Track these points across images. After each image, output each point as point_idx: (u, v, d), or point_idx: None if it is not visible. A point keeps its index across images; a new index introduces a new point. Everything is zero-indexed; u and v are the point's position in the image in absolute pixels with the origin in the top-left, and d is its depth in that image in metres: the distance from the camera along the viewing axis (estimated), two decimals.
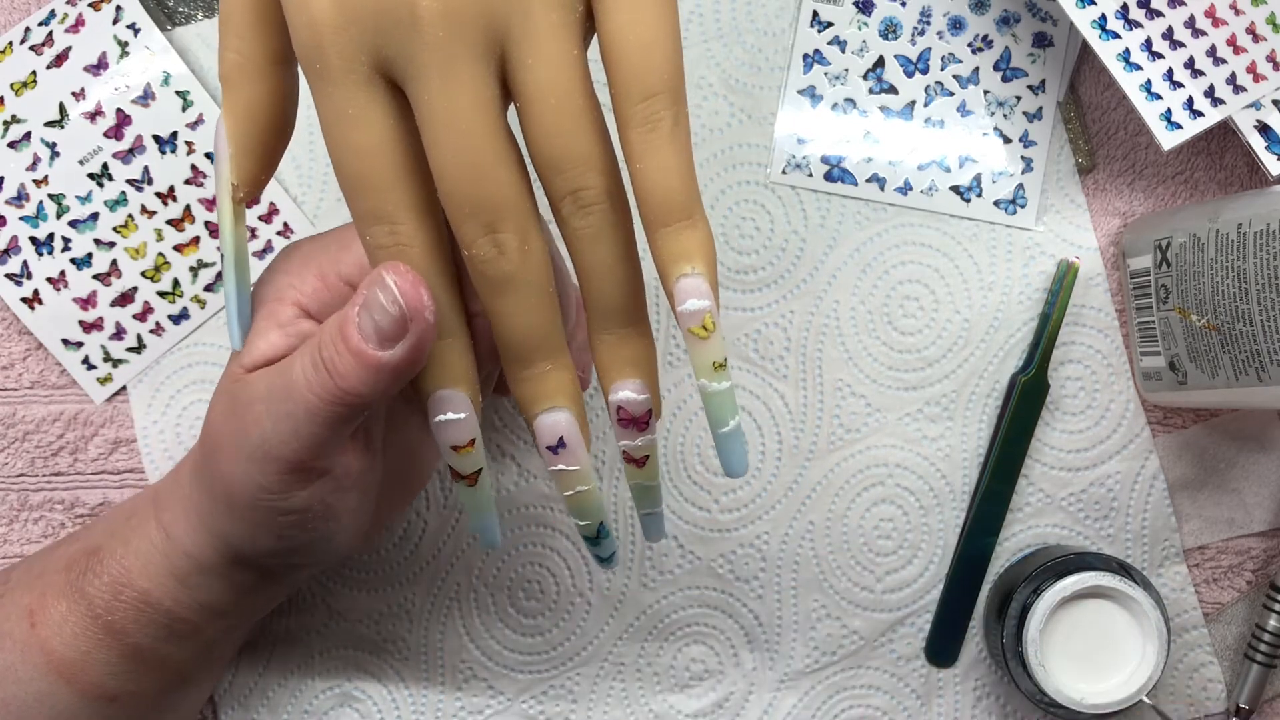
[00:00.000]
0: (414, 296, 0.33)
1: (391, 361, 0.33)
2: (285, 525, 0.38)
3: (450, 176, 0.31)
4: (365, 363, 0.33)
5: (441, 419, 0.34)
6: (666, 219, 0.31)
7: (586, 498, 0.35)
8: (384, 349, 0.33)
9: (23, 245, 0.49)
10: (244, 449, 0.36)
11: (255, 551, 0.39)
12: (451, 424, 0.34)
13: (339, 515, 0.39)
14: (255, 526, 0.38)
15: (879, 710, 0.51)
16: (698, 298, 0.32)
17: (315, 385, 0.34)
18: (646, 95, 0.31)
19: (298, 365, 0.35)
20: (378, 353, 0.33)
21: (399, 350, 0.33)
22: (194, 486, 0.40)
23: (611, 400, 0.34)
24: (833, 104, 0.51)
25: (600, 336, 0.34)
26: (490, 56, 0.31)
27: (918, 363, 0.51)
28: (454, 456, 0.35)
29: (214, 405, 0.38)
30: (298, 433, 0.35)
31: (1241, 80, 0.47)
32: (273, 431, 0.35)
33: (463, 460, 0.35)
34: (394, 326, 0.33)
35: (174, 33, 0.50)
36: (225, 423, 0.37)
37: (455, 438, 0.35)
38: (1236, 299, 0.42)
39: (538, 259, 0.33)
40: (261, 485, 0.37)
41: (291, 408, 0.35)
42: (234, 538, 0.39)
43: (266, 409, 0.36)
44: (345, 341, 0.33)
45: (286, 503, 0.37)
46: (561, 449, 0.34)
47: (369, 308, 0.33)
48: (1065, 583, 0.45)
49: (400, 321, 0.33)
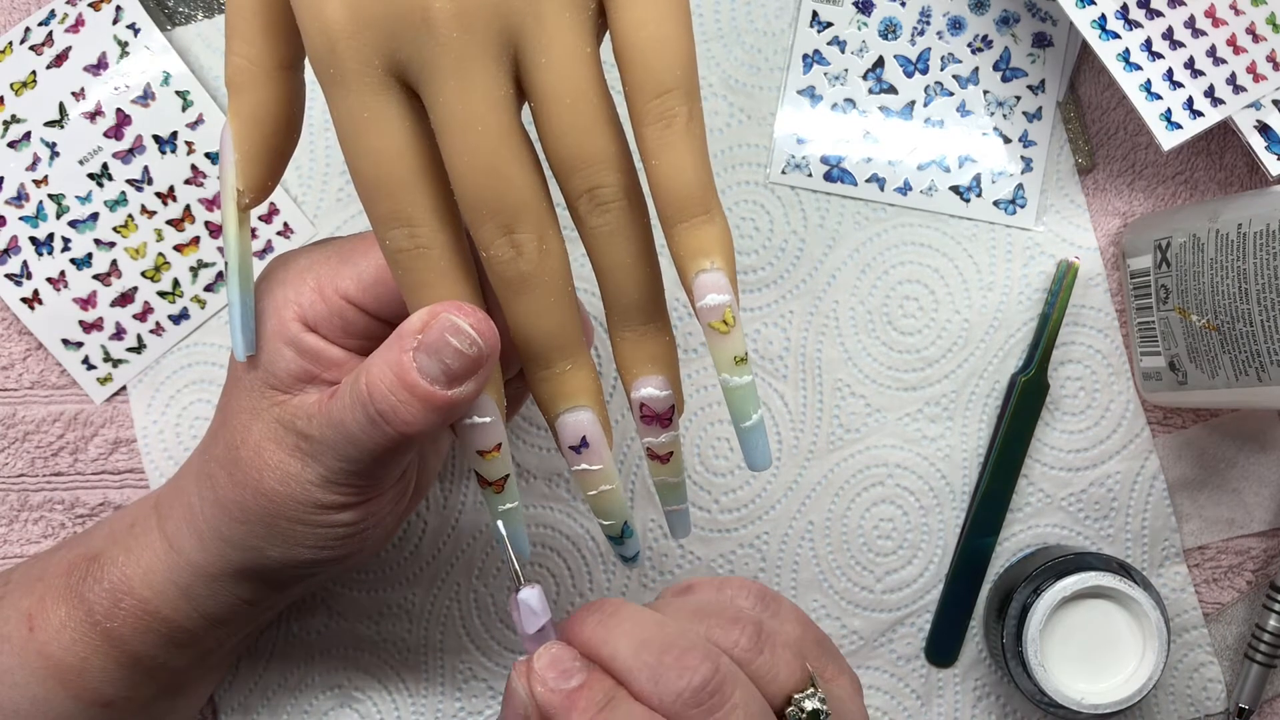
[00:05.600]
0: (490, 333, 0.33)
1: (461, 396, 0.33)
2: (333, 537, 0.38)
3: (466, 178, 0.31)
4: (433, 405, 0.33)
5: (468, 423, 0.34)
6: (683, 214, 0.31)
7: (610, 497, 0.35)
8: (452, 388, 0.33)
9: (23, 245, 0.49)
10: (306, 476, 0.37)
11: (287, 562, 0.39)
12: (479, 428, 0.34)
13: (382, 526, 0.39)
14: (297, 540, 0.38)
15: (879, 710, 0.51)
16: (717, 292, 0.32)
17: (374, 436, 0.34)
18: (660, 91, 0.31)
19: (350, 418, 0.35)
20: (446, 393, 0.33)
21: (470, 385, 0.33)
22: (205, 500, 0.39)
23: (634, 397, 0.34)
24: (832, 104, 0.51)
25: (620, 334, 0.34)
26: (504, 57, 0.31)
27: (917, 363, 0.51)
28: (480, 462, 0.35)
29: (249, 426, 0.38)
30: (365, 472, 0.36)
31: (1241, 80, 0.47)
32: (338, 469, 0.36)
33: (489, 465, 0.35)
34: (468, 367, 0.33)
35: (174, 33, 0.50)
36: (276, 448, 0.37)
37: (482, 442, 0.35)
38: (1236, 299, 0.42)
39: (556, 259, 0.33)
40: (322, 503, 0.37)
41: (354, 453, 0.35)
42: (267, 549, 0.39)
43: (327, 451, 0.36)
44: (410, 390, 0.33)
45: (340, 517, 0.38)
46: (584, 449, 0.34)
47: (436, 353, 0.33)
48: (1065, 583, 0.45)
49: (477, 361, 0.33)
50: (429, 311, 0.33)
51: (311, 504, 0.37)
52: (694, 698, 0.31)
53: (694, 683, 0.31)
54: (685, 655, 0.31)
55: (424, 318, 0.33)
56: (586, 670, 0.32)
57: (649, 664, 0.31)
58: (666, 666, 0.31)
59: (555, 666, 0.32)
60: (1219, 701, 0.51)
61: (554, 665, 0.32)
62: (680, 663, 0.31)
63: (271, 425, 0.37)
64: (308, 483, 0.37)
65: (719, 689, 0.31)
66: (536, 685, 0.32)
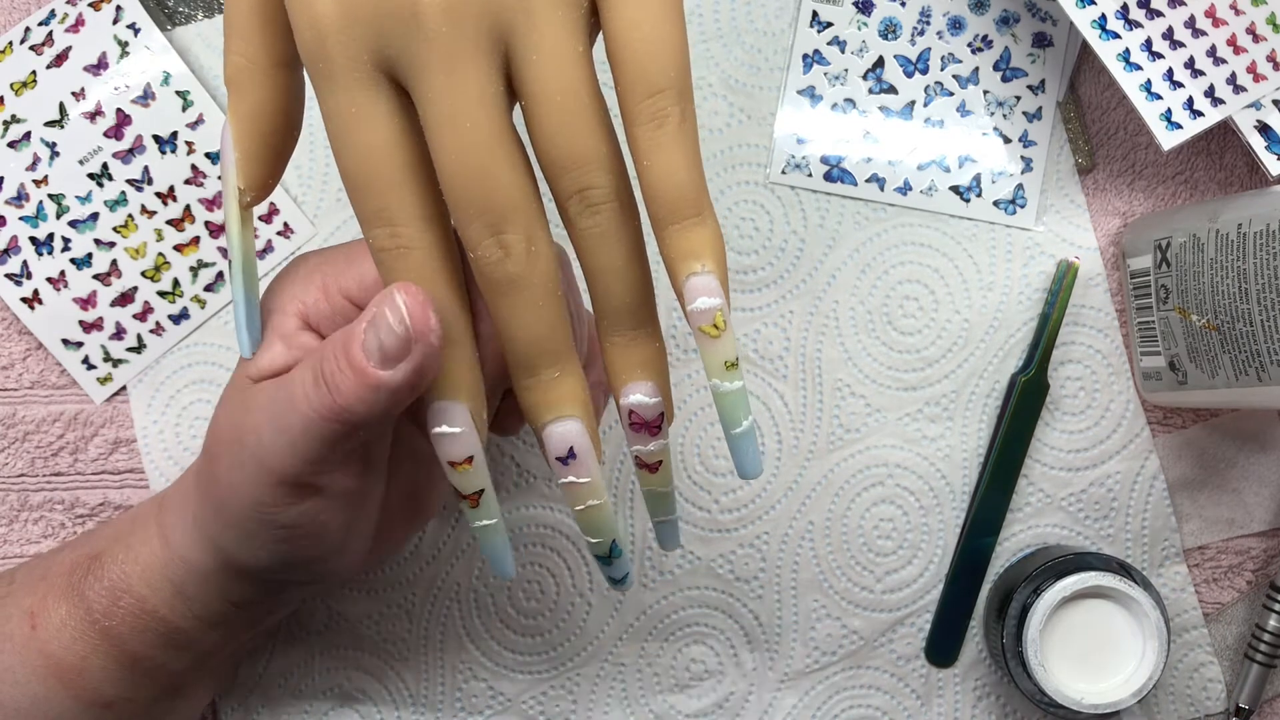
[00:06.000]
0: (421, 318, 0.32)
1: (392, 382, 0.32)
2: (276, 539, 0.37)
3: (454, 176, 0.31)
4: (365, 381, 0.33)
5: (437, 431, 0.34)
6: (675, 216, 0.31)
7: (598, 513, 0.34)
8: (386, 368, 0.32)
9: (23, 245, 0.49)
10: (240, 457, 0.36)
11: (249, 563, 0.39)
12: (447, 438, 0.34)
13: (330, 534, 0.38)
14: (249, 537, 0.37)
15: (879, 710, 0.51)
16: (708, 296, 0.31)
17: (314, 400, 0.34)
18: (653, 91, 0.31)
19: (298, 379, 0.34)
20: (379, 371, 0.32)
21: (400, 371, 0.32)
22: (196, 492, 0.40)
23: (623, 404, 0.33)
24: (832, 104, 0.51)
25: (610, 339, 0.33)
26: (494, 54, 0.31)
27: (917, 363, 0.51)
28: (453, 473, 0.34)
29: (219, 411, 0.38)
30: (294, 446, 0.35)
31: (1241, 80, 0.47)
32: (270, 442, 0.35)
33: (462, 478, 0.34)
34: (398, 347, 0.32)
35: (174, 33, 0.50)
36: (227, 430, 0.37)
37: (451, 453, 0.34)
38: (1236, 299, 0.42)
39: (545, 261, 0.32)
40: (255, 496, 0.36)
41: (290, 421, 0.34)
42: (229, 547, 0.38)
43: (266, 419, 0.35)
44: (348, 358, 0.33)
45: (278, 516, 0.36)
46: (571, 460, 0.33)
47: (376, 326, 0.32)
48: (1065, 583, 0.45)
49: (405, 342, 0.32)
50: (387, 289, 0.32)
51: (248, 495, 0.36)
52: None
53: None
54: None
55: (382, 294, 0.32)
56: None
57: None
58: None
59: None
60: (1219, 701, 0.51)
61: None
62: None
63: (231, 408, 0.37)
64: (241, 465, 0.36)
65: None
66: None
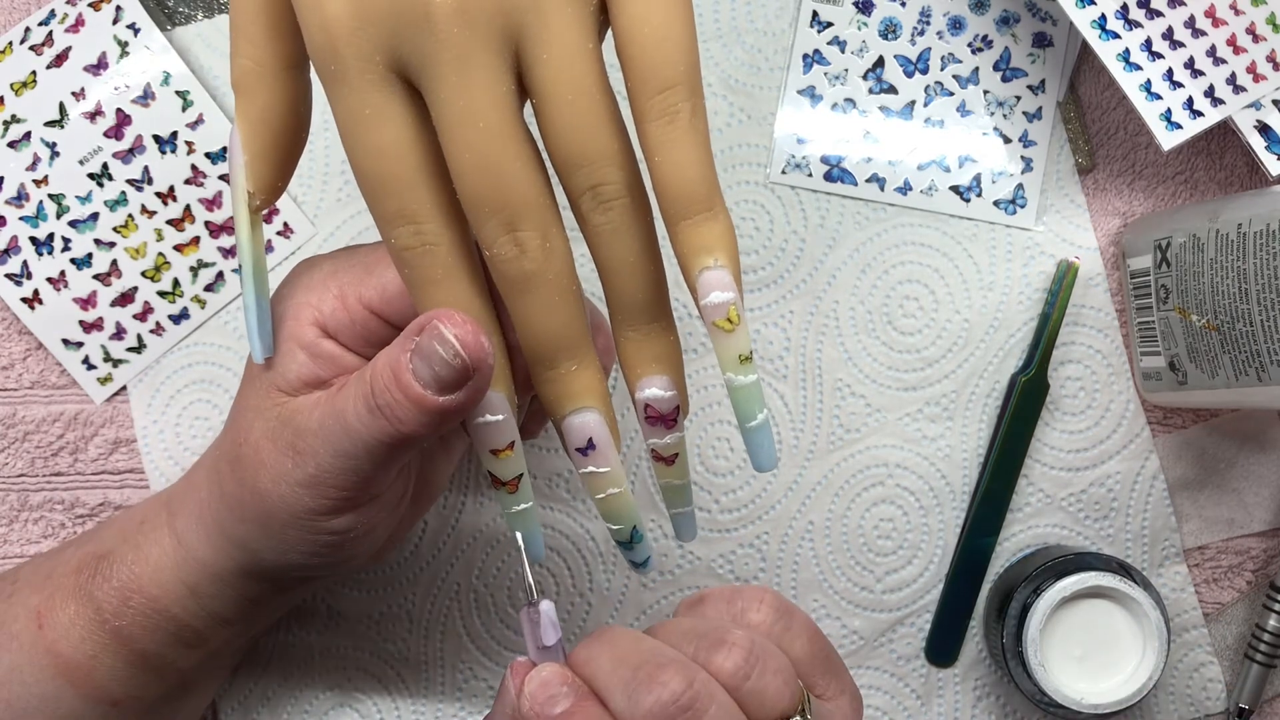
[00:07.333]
0: (474, 345, 0.32)
1: (452, 406, 0.33)
2: (323, 544, 0.38)
3: (468, 175, 0.31)
4: (425, 409, 0.33)
5: (480, 421, 0.34)
6: (687, 211, 0.31)
7: (618, 500, 0.35)
8: (443, 395, 0.33)
9: (23, 245, 0.49)
10: (295, 476, 0.36)
11: (281, 565, 0.39)
12: (490, 426, 0.34)
13: (378, 534, 0.39)
14: (290, 543, 0.38)
15: (879, 710, 0.51)
16: (721, 290, 0.31)
17: (373, 429, 0.34)
18: (663, 88, 0.31)
19: (351, 408, 0.34)
20: (438, 399, 0.33)
21: (460, 395, 0.33)
22: (213, 495, 0.39)
23: (638, 398, 0.34)
24: (832, 104, 0.51)
25: (624, 334, 0.34)
26: (505, 53, 0.31)
27: (917, 363, 0.51)
28: (493, 461, 0.35)
29: (251, 424, 0.37)
30: (357, 470, 0.35)
31: (1241, 80, 0.47)
32: (330, 466, 0.35)
33: (502, 465, 0.35)
34: (456, 377, 0.32)
35: (174, 33, 0.50)
36: (272, 447, 0.37)
37: (494, 440, 0.34)
38: (1236, 299, 0.42)
39: (560, 257, 0.32)
40: (310, 508, 0.36)
41: (349, 447, 0.35)
42: (262, 551, 0.39)
43: (323, 444, 0.35)
44: (403, 391, 0.33)
45: (330, 524, 0.37)
46: (591, 450, 0.34)
47: (427, 358, 0.32)
48: (1065, 583, 0.45)
49: (463, 371, 0.32)
50: (427, 315, 0.33)
51: (301, 509, 0.37)
52: (663, 711, 0.30)
53: (663, 697, 0.30)
54: (659, 670, 0.31)
55: (422, 320, 0.33)
56: (574, 696, 0.32)
57: (624, 679, 0.31)
58: (639, 681, 0.31)
59: (544, 689, 0.32)
60: (1219, 701, 0.51)
61: (544, 688, 0.32)
62: (653, 678, 0.31)
63: (272, 423, 0.37)
64: (296, 484, 0.36)
65: (691, 704, 0.30)
66: (524, 702, 0.32)
